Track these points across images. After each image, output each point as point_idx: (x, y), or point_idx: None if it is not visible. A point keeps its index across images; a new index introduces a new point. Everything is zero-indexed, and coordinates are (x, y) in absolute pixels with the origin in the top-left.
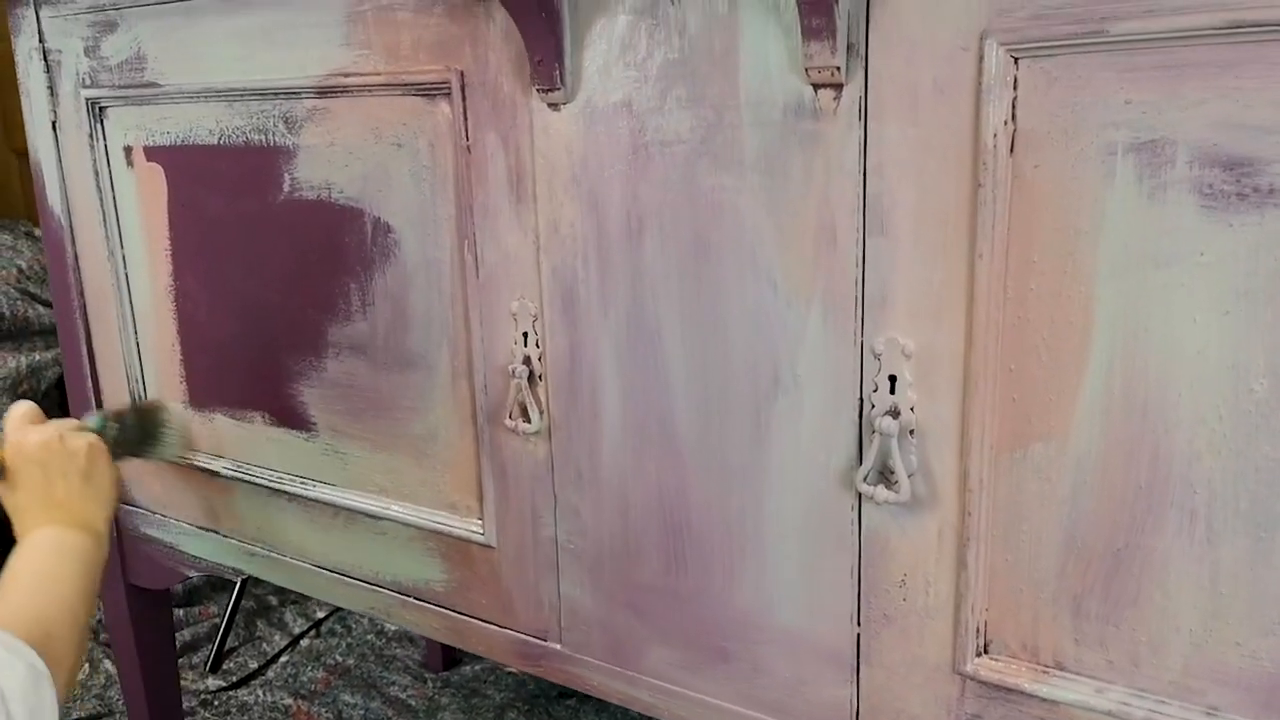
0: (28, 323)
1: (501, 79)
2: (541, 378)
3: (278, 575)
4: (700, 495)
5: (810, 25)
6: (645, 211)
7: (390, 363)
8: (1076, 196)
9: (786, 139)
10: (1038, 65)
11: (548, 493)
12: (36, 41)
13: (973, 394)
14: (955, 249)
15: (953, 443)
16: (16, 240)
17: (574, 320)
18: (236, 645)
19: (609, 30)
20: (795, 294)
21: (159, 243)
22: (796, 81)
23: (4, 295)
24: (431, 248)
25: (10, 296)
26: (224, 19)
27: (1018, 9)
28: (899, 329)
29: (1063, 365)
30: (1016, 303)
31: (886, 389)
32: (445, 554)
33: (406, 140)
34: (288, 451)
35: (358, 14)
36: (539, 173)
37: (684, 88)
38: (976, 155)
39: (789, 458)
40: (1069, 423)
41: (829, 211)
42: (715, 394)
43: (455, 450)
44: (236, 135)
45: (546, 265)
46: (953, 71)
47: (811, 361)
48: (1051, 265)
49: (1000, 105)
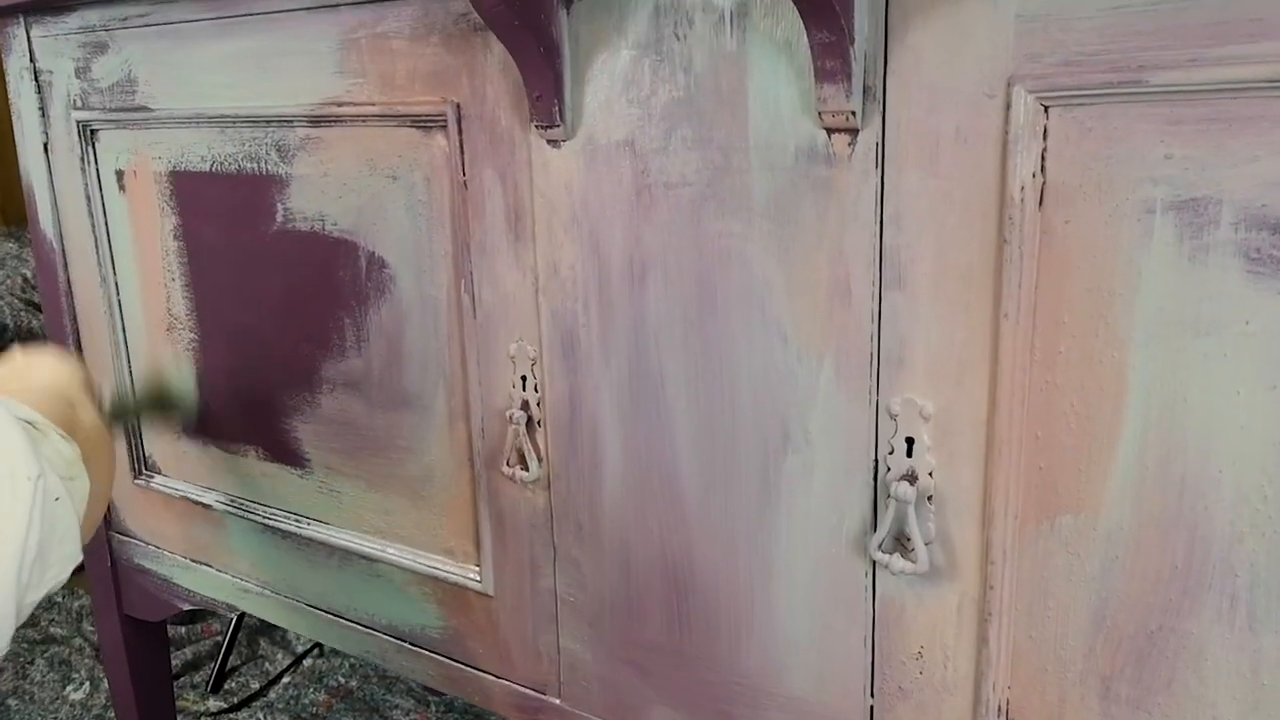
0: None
1: (499, 112)
2: (540, 424)
3: (271, 613)
4: (705, 553)
5: (824, 67)
6: (649, 256)
7: (385, 401)
8: (1110, 255)
9: (798, 185)
10: (1070, 115)
11: (547, 543)
12: (27, 61)
13: (996, 461)
14: (978, 307)
15: (974, 511)
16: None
17: (574, 366)
18: (238, 664)
19: (611, 65)
20: (807, 348)
21: (152, 269)
22: (809, 125)
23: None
24: (428, 285)
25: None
26: (215, 43)
27: (1048, 54)
28: (917, 389)
29: (1094, 434)
30: (1044, 366)
31: (903, 451)
32: (442, 600)
33: (402, 173)
34: (281, 487)
35: (351, 41)
36: (538, 211)
37: (689, 128)
38: (1002, 208)
39: (799, 519)
40: (1100, 495)
41: (843, 263)
42: (721, 449)
43: (452, 494)
44: (229, 162)
45: (546, 307)
46: (977, 119)
47: (823, 419)
48: (1082, 328)
49: (1029, 156)
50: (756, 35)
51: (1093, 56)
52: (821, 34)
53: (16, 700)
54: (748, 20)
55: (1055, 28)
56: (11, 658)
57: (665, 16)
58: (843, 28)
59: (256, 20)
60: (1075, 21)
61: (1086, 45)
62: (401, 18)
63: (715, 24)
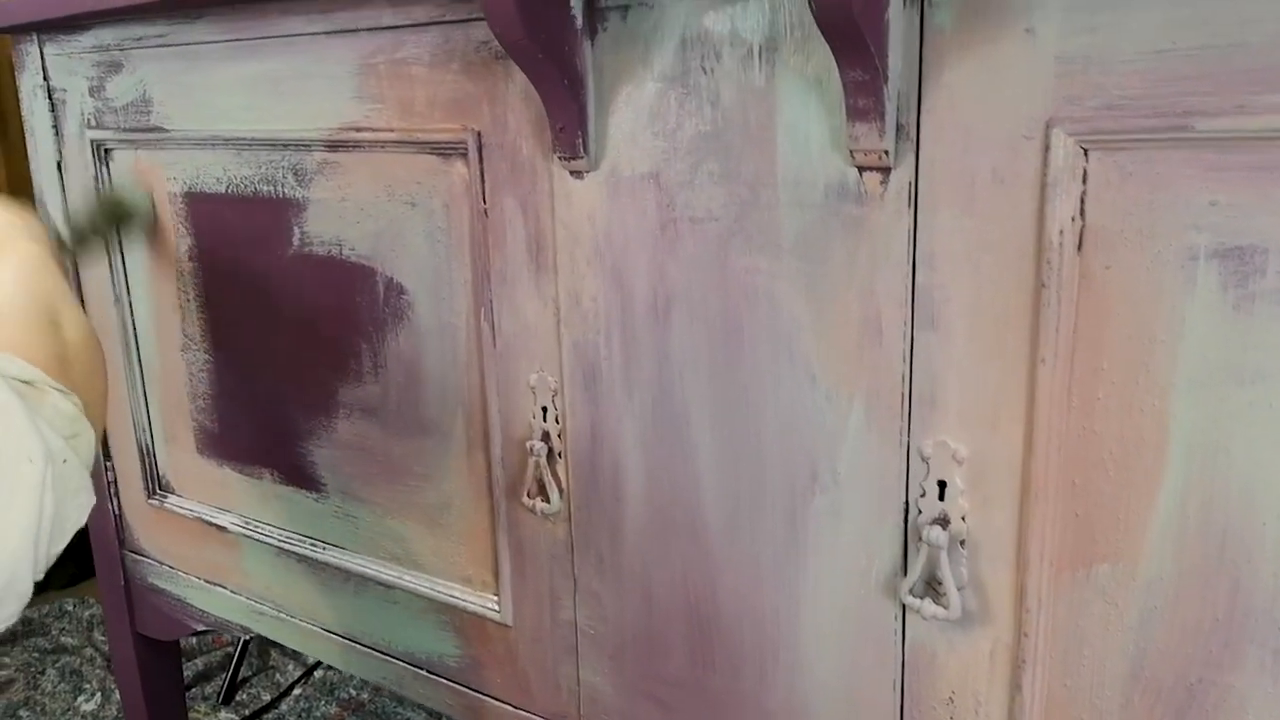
0: None
1: (521, 141)
2: (561, 455)
3: (286, 636)
4: (730, 591)
5: (856, 106)
6: (673, 290)
7: (403, 428)
8: (1152, 302)
9: (828, 222)
10: (1110, 158)
11: (567, 574)
12: (41, 79)
13: (1032, 507)
14: (1014, 351)
15: (1008, 557)
16: None
17: (596, 398)
18: (250, 675)
19: (636, 98)
20: (836, 388)
21: (167, 291)
22: (839, 162)
23: None
24: (446, 312)
25: None
26: (231, 65)
27: (1089, 97)
28: (950, 432)
29: (1133, 483)
30: (1082, 412)
31: (935, 494)
32: (460, 628)
33: (421, 200)
34: (297, 511)
35: (369, 66)
36: (560, 242)
37: (716, 162)
38: (1040, 252)
39: (827, 559)
40: (1139, 544)
41: (874, 302)
42: (747, 487)
43: (470, 522)
44: (245, 185)
45: (568, 339)
46: (1014, 160)
47: (853, 460)
48: (1122, 375)
49: (1068, 199)
50: (786, 71)
51: (1135, 100)
52: (854, 72)
53: (28, 711)
54: (777, 55)
55: (1096, 70)
56: (23, 668)
57: (692, 49)
58: (876, 67)
59: (273, 43)
60: (1117, 64)
61: (1129, 89)
62: (421, 44)
63: (743, 58)
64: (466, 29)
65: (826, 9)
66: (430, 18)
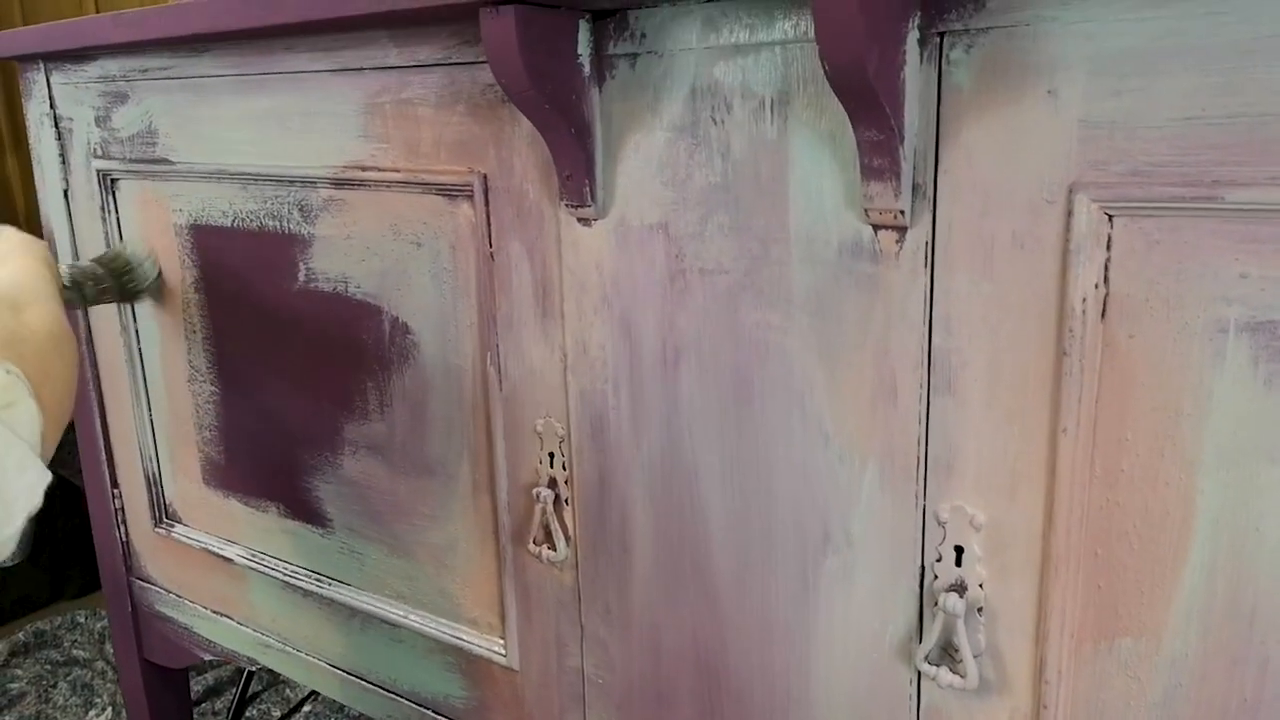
0: None
1: (527, 185)
2: (568, 502)
3: (293, 670)
4: (740, 648)
5: (871, 165)
6: (683, 341)
7: (408, 467)
8: (1179, 374)
9: (841, 280)
10: (1136, 225)
11: (574, 622)
12: (47, 107)
13: (1052, 577)
14: (1034, 419)
15: (1027, 627)
16: None
17: (604, 447)
18: (260, 690)
19: (645, 146)
20: (849, 448)
21: (172, 320)
22: (853, 219)
23: None
24: (452, 354)
25: None
26: (236, 99)
27: (1114, 162)
28: (967, 498)
29: (1158, 557)
30: (1105, 484)
31: (952, 560)
32: (465, 670)
33: (426, 240)
34: (303, 545)
35: (375, 106)
36: (567, 288)
37: (726, 214)
38: (1062, 319)
39: (839, 621)
40: (1163, 620)
41: (888, 363)
42: (757, 543)
43: (476, 564)
44: (250, 219)
45: (575, 386)
46: (1035, 225)
47: (866, 522)
48: (1147, 447)
49: (1091, 266)
50: (799, 125)
51: (1162, 168)
52: (869, 132)
53: None
54: (789, 109)
55: (1121, 135)
56: (35, 680)
57: (702, 100)
58: (892, 127)
59: (279, 79)
60: (1144, 130)
61: (1156, 155)
62: (427, 85)
63: (755, 111)
64: (472, 71)
65: (841, 71)
66: (435, 59)
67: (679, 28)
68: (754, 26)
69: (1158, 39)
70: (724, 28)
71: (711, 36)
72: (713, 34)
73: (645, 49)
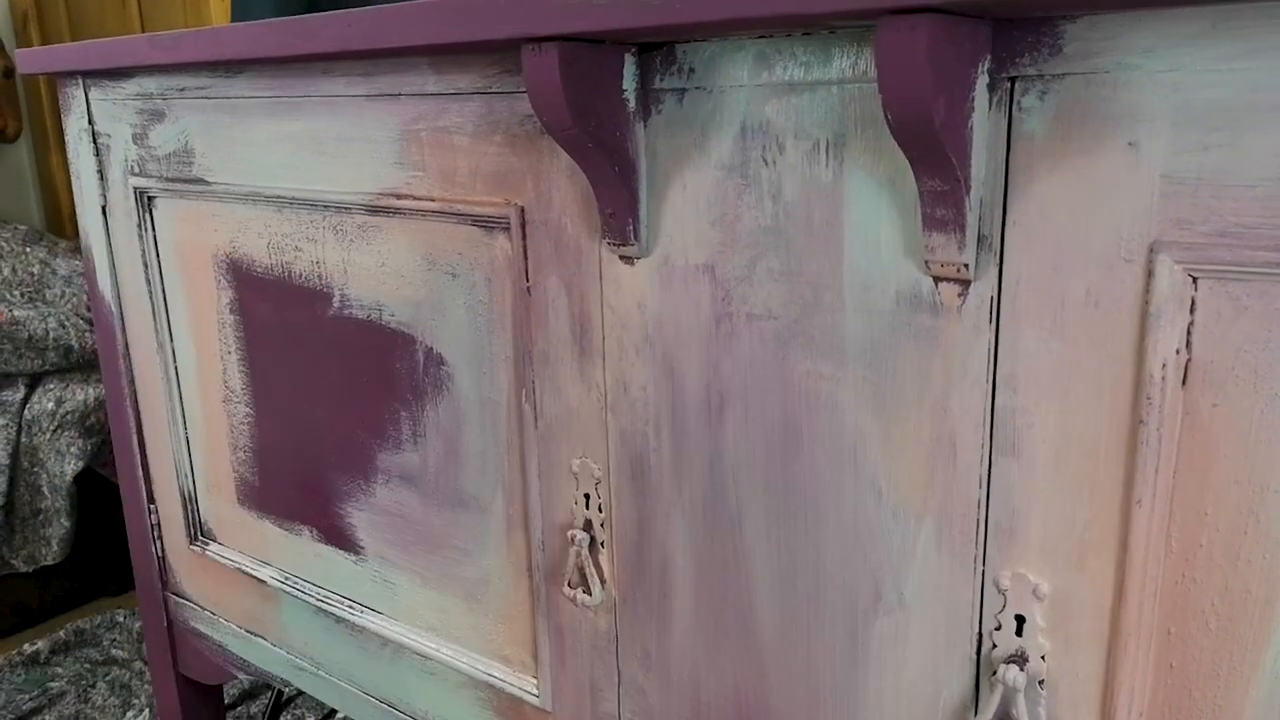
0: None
1: (566, 220)
2: (604, 545)
3: (325, 694)
4: (783, 706)
5: (933, 215)
6: (728, 387)
7: (442, 500)
8: (1266, 447)
9: (898, 332)
10: (1223, 289)
11: (610, 666)
12: (86, 123)
13: (1121, 654)
14: (1106, 487)
15: (1092, 705)
16: None
17: (643, 490)
18: (295, 695)
19: (692, 185)
20: (904, 506)
21: (208, 340)
22: (913, 269)
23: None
24: (487, 388)
25: (79, 328)
26: (272, 122)
27: (1199, 222)
28: (1030, 565)
29: (1237, 639)
30: (1181, 559)
31: (1012, 629)
32: (498, 708)
33: (462, 271)
34: (335, 571)
35: (412, 133)
36: (607, 327)
37: (776, 258)
38: (1139, 384)
39: (890, 685)
40: (1242, 706)
41: (948, 421)
42: (805, 599)
43: (509, 602)
44: (286, 242)
45: (614, 427)
46: (1111, 283)
47: (921, 583)
48: (1228, 523)
49: (1172, 330)
50: (855, 169)
51: (1253, 229)
52: (933, 182)
53: None
54: (845, 152)
55: (1208, 193)
56: (74, 680)
57: (753, 138)
58: (958, 177)
59: (315, 103)
60: (1233, 189)
61: (1246, 216)
62: (464, 114)
63: (809, 152)
64: (511, 101)
65: (904, 119)
66: (475, 88)
67: (729, 63)
68: (809, 65)
69: (1249, 92)
70: (777, 65)
71: (764, 74)
72: (765, 71)
73: (694, 84)
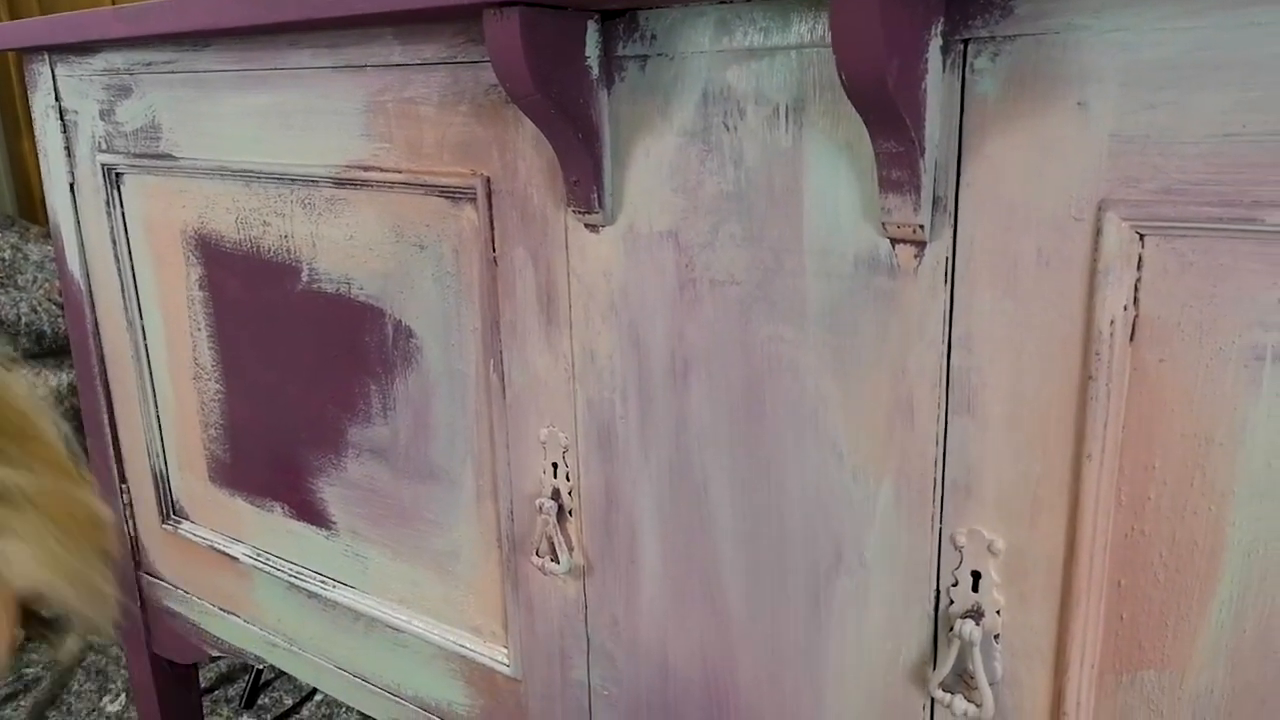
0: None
1: (531, 190)
2: (572, 513)
3: (299, 669)
4: (749, 667)
5: (889, 177)
6: (692, 352)
7: (412, 472)
8: (1211, 401)
9: (856, 295)
10: (1169, 245)
11: (579, 634)
12: (53, 100)
13: (1073, 606)
14: (1057, 443)
15: (1046, 656)
16: None
17: (610, 458)
18: (272, 678)
19: (655, 151)
20: (863, 467)
21: (178, 319)
22: (870, 232)
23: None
24: (456, 359)
25: (51, 313)
26: (239, 95)
27: (1146, 179)
28: (985, 522)
29: (1184, 589)
30: (1130, 512)
31: (968, 585)
32: (469, 678)
33: (430, 243)
34: (307, 547)
35: (378, 104)
36: (574, 295)
37: (738, 224)
38: (1088, 340)
39: (851, 643)
40: (1189, 654)
41: (905, 382)
42: (768, 561)
43: (479, 572)
44: (254, 217)
45: (581, 395)
46: (1062, 242)
47: (880, 543)
48: (1175, 476)
49: (1120, 287)
50: (814, 133)
51: (1198, 186)
52: (888, 144)
53: (55, 711)
54: (804, 116)
55: (1155, 151)
56: (51, 666)
57: (714, 104)
58: (912, 139)
59: (281, 75)
60: (1179, 146)
61: (1191, 173)
62: (429, 84)
63: (769, 118)
64: (476, 71)
65: (859, 82)
66: (440, 58)
67: (691, 29)
68: (768, 30)
69: (1195, 50)
70: (737, 30)
71: (724, 39)
72: (725, 36)
73: (656, 51)
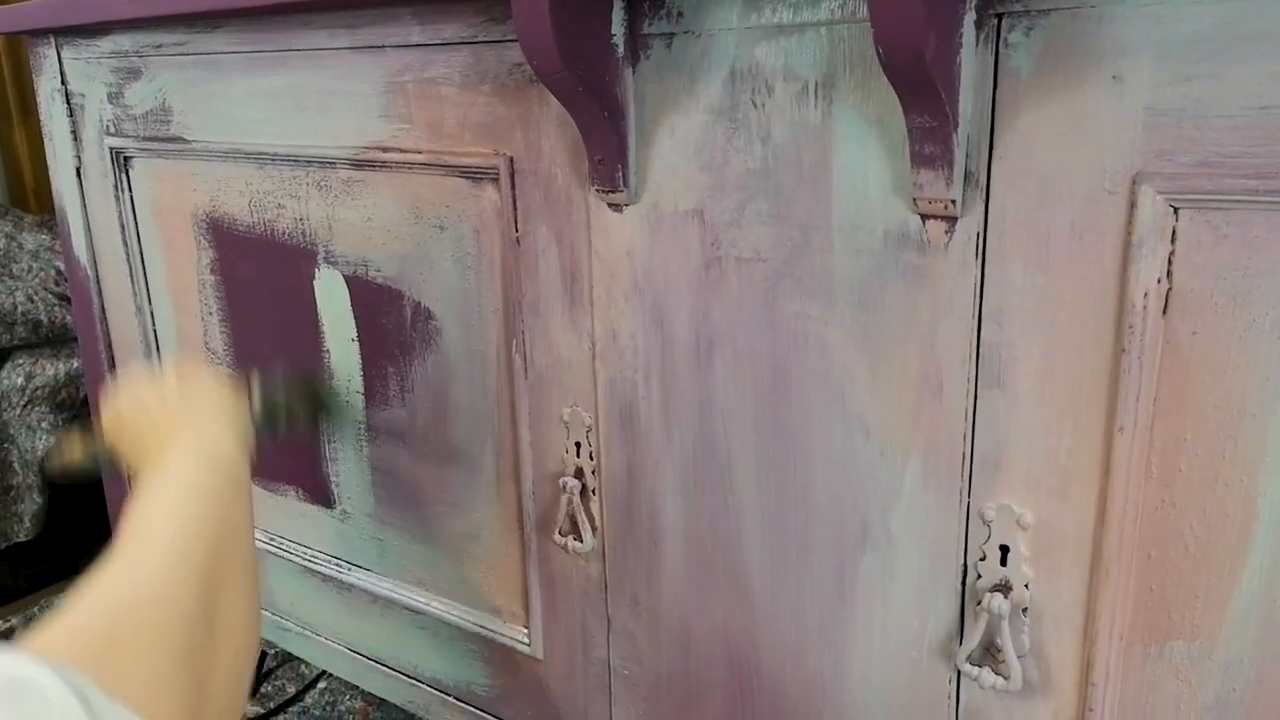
0: (66, 329)
1: (555, 169)
2: (595, 492)
3: (313, 654)
4: (773, 644)
5: (922, 152)
6: (717, 332)
7: (430, 454)
8: (1244, 373)
9: (885, 271)
10: (1203, 218)
11: (600, 613)
12: (59, 83)
13: (1103, 578)
14: (1089, 416)
15: (1075, 627)
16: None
17: (633, 437)
18: (275, 667)
19: (680, 130)
20: (891, 443)
21: (189, 303)
22: (900, 207)
23: (42, 301)
24: (476, 340)
25: (49, 302)
26: (252, 77)
27: (1181, 152)
28: (1014, 496)
29: (1215, 560)
30: (1161, 484)
31: (997, 559)
32: (489, 658)
33: (450, 224)
34: (322, 530)
35: (398, 85)
36: (596, 276)
37: (765, 201)
38: (1121, 314)
39: (877, 619)
40: (1219, 625)
41: (934, 357)
42: (793, 537)
43: (500, 553)
44: (268, 199)
45: (603, 375)
46: (1095, 216)
47: (907, 518)
48: (1207, 447)
49: (1154, 260)
50: (844, 109)
51: (1234, 159)
52: (921, 118)
53: None
54: (834, 93)
55: (1190, 124)
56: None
57: (742, 82)
58: (946, 113)
59: (297, 56)
60: (1215, 119)
61: (1227, 146)
62: (451, 64)
63: (798, 94)
64: (499, 50)
65: (897, 58)
66: (461, 37)
67: (718, 6)
68: (798, 6)
69: (1230, 23)
70: (765, 6)
71: (752, 16)
72: (754, 13)
73: (682, 28)
